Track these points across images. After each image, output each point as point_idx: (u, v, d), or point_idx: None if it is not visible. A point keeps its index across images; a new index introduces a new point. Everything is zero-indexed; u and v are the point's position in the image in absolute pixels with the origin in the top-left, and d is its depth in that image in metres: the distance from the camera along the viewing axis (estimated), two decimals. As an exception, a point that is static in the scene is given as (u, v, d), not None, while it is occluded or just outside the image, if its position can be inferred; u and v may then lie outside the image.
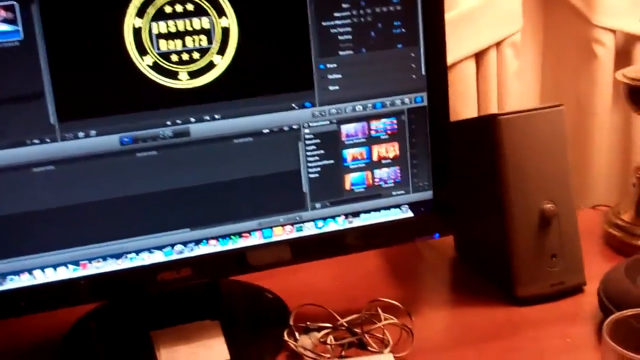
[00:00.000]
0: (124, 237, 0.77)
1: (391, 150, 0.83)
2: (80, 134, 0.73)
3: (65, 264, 0.76)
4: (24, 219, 0.73)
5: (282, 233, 0.82)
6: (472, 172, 0.93)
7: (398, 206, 0.85)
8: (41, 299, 0.76)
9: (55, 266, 0.75)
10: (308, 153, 0.80)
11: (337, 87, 0.79)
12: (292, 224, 0.82)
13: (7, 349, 0.87)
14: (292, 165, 0.80)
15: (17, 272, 0.74)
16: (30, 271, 0.75)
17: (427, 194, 0.86)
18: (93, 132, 0.73)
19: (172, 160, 0.76)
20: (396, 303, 0.87)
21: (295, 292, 0.92)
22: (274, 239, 0.82)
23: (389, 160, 0.83)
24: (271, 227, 0.81)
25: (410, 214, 0.86)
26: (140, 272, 0.78)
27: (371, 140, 0.82)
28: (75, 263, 0.76)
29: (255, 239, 0.81)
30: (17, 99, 0.70)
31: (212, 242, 0.80)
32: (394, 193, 0.85)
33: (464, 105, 1.10)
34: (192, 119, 0.76)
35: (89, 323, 0.89)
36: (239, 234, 0.81)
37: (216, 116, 0.76)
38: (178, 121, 0.75)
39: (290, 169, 0.80)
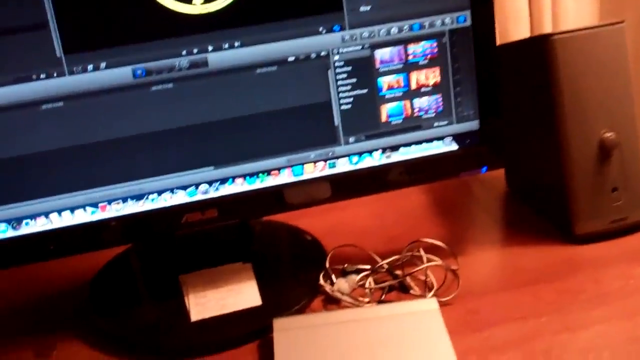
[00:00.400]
0: (143, 177, 0.72)
1: (431, 76, 0.76)
2: (90, 67, 0.68)
3: (82, 207, 0.72)
4: (35, 160, 0.69)
5: (314, 170, 0.76)
6: (523, 99, 0.86)
7: (441, 138, 0.79)
8: (69, 242, 0.73)
9: (72, 209, 0.72)
10: (339, 82, 0.74)
11: (368, 8, 0.72)
12: (324, 160, 0.76)
13: (34, 295, 0.85)
14: (322, 96, 0.74)
15: (32, 216, 0.71)
16: (46, 215, 0.71)
17: (473, 124, 0.79)
18: (103, 65, 0.68)
19: (190, 93, 0.70)
20: (440, 243, 0.81)
21: (331, 232, 0.87)
22: (305, 176, 0.76)
23: (429, 88, 0.76)
24: (301, 164, 0.76)
25: (454, 146, 0.79)
26: (163, 214, 0.74)
27: (409, 67, 0.75)
28: (94, 205, 0.72)
29: (285, 177, 0.76)
30: (19, 30, 0.65)
31: (239, 180, 0.75)
32: (435, 124, 0.78)
33: (515, 26, 1.03)
34: (210, 48, 0.69)
35: (116, 267, 0.86)
36: (267, 172, 0.75)
37: (236, 44, 0.70)
38: (194, 50, 0.69)
39: (319, 100, 0.74)
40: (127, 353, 0.73)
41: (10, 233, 0.71)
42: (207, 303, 0.77)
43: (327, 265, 0.81)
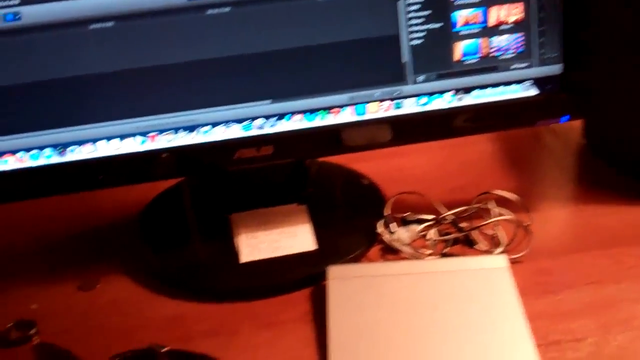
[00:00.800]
0: (196, 108, 0.68)
1: (513, 12, 0.69)
2: (142, -15, 0.63)
3: (132, 135, 0.68)
4: (82, 83, 0.65)
5: (378, 110, 0.70)
6: (613, 43, 0.78)
7: (519, 82, 0.72)
8: (117, 172, 0.70)
9: (121, 137, 0.68)
10: (410, 15, 0.67)
11: None
12: (390, 100, 0.70)
13: (80, 226, 0.82)
14: (390, 29, 0.67)
15: (79, 142, 0.67)
16: (93, 141, 0.68)
17: (556, 68, 0.72)
18: (156, -17, 0.63)
19: (248, 19, 0.65)
20: (513, 196, 0.75)
21: (392, 178, 0.82)
22: (367, 116, 0.70)
23: (510, 26, 0.69)
24: (365, 103, 0.70)
25: (533, 91, 0.72)
26: (216, 148, 0.70)
27: (488, 0, 0.68)
28: (143, 134, 0.68)
29: (347, 116, 0.70)
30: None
31: (297, 117, 0.70)
32: (514, 66, 0.71)
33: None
34: (272, -31, 0.64)
35: (165, 202, 0.82)
36: (328, 109, 0.70)
37: (300, -35, 0.64)
38: (255, -29, 0.64)
39: (387, 33, 0.68)
40: (171, 291, 0.70)
41: (56, 159, 0.68)
42: (258, 244, 0.73)
43: (387, 213, 0.76)
